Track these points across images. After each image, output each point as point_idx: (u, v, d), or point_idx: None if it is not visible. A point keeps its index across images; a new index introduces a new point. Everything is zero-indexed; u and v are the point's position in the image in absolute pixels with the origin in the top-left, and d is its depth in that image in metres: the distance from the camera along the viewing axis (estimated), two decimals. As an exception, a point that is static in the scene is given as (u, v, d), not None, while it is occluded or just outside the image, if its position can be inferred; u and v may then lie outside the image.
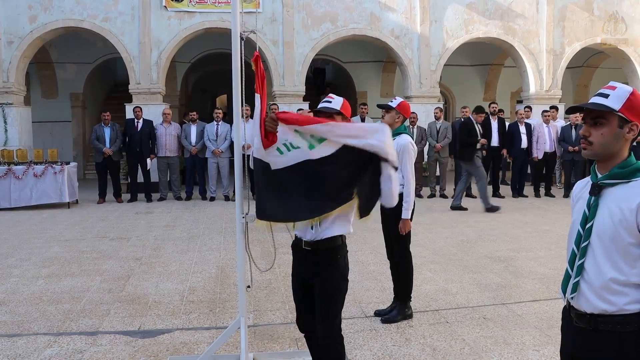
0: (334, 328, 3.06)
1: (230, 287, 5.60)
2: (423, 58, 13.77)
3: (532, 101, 14.33)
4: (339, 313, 3.09)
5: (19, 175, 10.60)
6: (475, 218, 9.67)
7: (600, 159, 1.98)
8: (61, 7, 12.53)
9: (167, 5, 12.73)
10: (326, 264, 3.05)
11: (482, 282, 5.78)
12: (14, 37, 12.46)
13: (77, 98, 16.92)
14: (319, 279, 3.06)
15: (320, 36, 13.38)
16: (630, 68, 14.99)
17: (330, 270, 3.05)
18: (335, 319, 3.06)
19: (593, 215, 1.95)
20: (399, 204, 4.60)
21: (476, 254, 7.01)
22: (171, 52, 13.05)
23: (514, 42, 14.19)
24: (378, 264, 6.39)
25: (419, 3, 13.61)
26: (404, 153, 4.57)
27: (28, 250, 7.34)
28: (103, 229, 8.83)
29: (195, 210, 10.57)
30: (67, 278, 5.99)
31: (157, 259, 6.80)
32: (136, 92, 12.91)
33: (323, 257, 3.05)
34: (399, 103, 4.66)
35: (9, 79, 12.49)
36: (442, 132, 12.08)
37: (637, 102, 1.92)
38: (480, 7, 13.96)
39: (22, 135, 12.78)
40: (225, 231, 8.50)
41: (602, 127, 1.94)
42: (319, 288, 3.08)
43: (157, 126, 11.88)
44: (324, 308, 3.05)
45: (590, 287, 1.94)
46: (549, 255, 6.95)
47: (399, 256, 4.78)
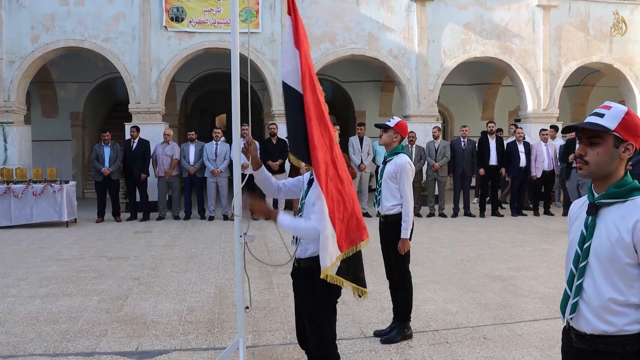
0: (324, 347, 3.05)
1: (229, 307, 5.57)
2: (421, 77, 13.86)
3: (530, 120, 14.40)
4: (327, 332, 3.07)
5: (18, 194, 10.61)
6: (474, 237, 9.65)
7: (597, 178, 1.98)
8: (63, 27, 12.63)
9: (167, 26, 12.84)
10: (307, 282, 3.05)
11: (482, 302, 5.75)
12: (16, 57, 12.55)
13: (77, 117, 16.98)
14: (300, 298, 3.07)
15: (319, 56, 13.47)
16: (627, 87, 15.10)
17: (310, 289, 3.05)
18: (323, 337, 3.05)
19: (591, 235, 1.95)
20: (398, 223, 4.62)
21: (476, 273, 6.99)
22: (171, 72, 13.13)
23: (511, 61, 14.30)
24: (377, 283, 6.36)
25: (416, 23, 13.74)
26: (402, 173, 4.58)
27: (25, 269, 7.30)
28: (101, 248, 8.80)
29: (194, 230, 10.55)
30: (65, 298, 5.96)
31: (155, 279, 6.77)
32: (136, 111, 12.96)
33: (304, 276, 3.06)
34: (396, 122, 4.68)
35: (10, 98, 12.55)
36: (441, 151, 12.11)
37: (632, 121, 1.93)
38: (477, 27, 14.09)
39: (21, 154, 12.80)
40: (224, 251, 8.48)
41: (597, 146, 1.95)
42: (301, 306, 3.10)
43: (157, 146, 11.92)
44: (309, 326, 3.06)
45: (589, 307, 1.94)
46: (548, 274, 6.93)
47: (399, 276, 4.76)
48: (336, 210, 2.94)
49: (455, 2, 14.03)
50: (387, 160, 4.76)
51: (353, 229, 2.99)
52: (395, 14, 13.75)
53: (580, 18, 14.64)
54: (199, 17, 12.87)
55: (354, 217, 3.00)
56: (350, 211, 2.99)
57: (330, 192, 2.94)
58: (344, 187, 2.99)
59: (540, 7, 14.25)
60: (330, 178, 2.96)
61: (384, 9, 13.68)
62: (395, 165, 4.64)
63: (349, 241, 2.97)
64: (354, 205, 3.01)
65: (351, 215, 2.99)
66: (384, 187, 4.74)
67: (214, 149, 11.78)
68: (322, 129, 3.04)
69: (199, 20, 12.88)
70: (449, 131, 18.60)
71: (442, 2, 13.92)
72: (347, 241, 2.97)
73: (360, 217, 3.06)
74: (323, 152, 2.98)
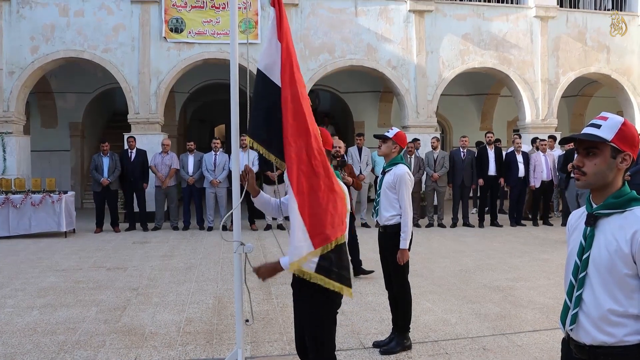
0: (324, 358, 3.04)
1: (228, 318, 5.55)
2: (420, 88, 13.91)
3: (529, 130, 14.43)
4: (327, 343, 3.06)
5: (16, 204, 10.60)
6: (473, 247, 9.64)
7: (595, 189, 1.99)
8: (62, 38, 12.68)
9: (166, 37, 12.89)
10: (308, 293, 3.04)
11: (482, 312, 5.73)
12: (16, 68, 12.58)
13: (76, 127, 16.99)
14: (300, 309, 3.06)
15: (318, 67, 13.53)
16: (624, 97, 15.16)
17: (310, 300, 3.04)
18: (322, 349, 3.04)
19: (589, 245, 1.95)
20: (397, 234, 4.62)
21: (475, 284, 6.98)
22: (170, 83, 13.16)
23: (509, 72, 14.36)
24: (376, 294, 6.35)
25: (415, 34, 13.80)
26: (401, 183, 4.59)
27: (23, 280, 7.28)
28: (100, 258, 8.78)
29: (193, 240, 10.54)
30: (63, 308, 5.93)
31: (154, 289, 6.75)
32: (135, 121, 12.98)
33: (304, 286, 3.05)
34: (395, 133, 4.69)
35: (9, 109, 12.57)
36: (440, 161, 12.13)
37: (629, 132, 1.94)
38: (476, 38, 14.16)
39: (20, 164, 12.80)
40: (223, 261, 8.46)
41: (595, 157, 1.95)
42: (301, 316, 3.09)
43: (155, 155, 11.94)
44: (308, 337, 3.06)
45: (588, 318, 1.94)
46: (548, 284, 6.92)
47: (398, 286, 4.76)
48: (307, 205, 2.89)
49: (454, 13, 14.11)
50: (386, 171, 4.77)
51: (328, 225, 2.90)
52: (393, 25, 13.82)
53: (578, 29, 14.72)
54: (198, 28, 12.93)
55: (330, 214, 2.92)
56: (324, 207, 2.91)
57: (301, 187, 2.90)
58: (320, 183, 2.92)
59: (538, 18, 14.34)
60: (303, 173, 2.92)
61: (383, 20, 13.76)
62: (394, 176, 4.64)
63: (324, 238, 2.88)
64: (333, 202, 2.94)
65: (325, 211, 2.91)
66: (382, 197, 4.75)
67: (213, 159, 11.79)
68: (299, 125, 3.00)
69: (198, 31, 12.94)
70: (448, 141, 18.63)
71: (441, 13, 14.00)
72: (321, 238, 2.88)
73: (339, 214, 2.96)
74: (297, 148, 2.95)
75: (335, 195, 2.95)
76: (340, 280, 2.95)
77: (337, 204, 2.94)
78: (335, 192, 2.95)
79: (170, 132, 15.60)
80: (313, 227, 2.89)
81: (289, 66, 3.10)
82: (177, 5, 12.86)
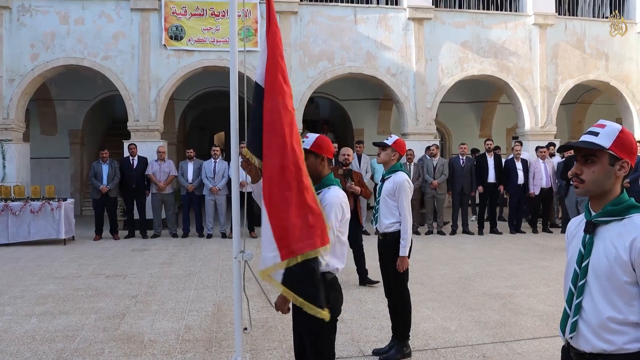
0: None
1: (227, 326, 5.53)
2: (419, 95, 13.93)
3: (528, 137, 14.45)
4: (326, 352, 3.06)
5: (15, 211, 10.59)
6: (473, 255, 9.64)
7: (593, 196, 1.99)
8: (62, 45, 12.71)
9: (166, 44, 12.92)
10: None
11: (481, 320, 5.72)
12: (16, 75, 12.60)
13: (75, 135, 17.00)
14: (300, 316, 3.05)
15: (317, 74, 13.56)
16: (623, 104, 15.19)
17: None
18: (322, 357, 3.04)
19: (589, 253, 1.95)
20: (396, 241, 4.61)
21: (474, 291, 6.97)
22: (170, 90, 13.19)
23: (509, 79, 14.39)
24: (376, 302, 6.34)
25: (414, 42, 13.85)
26: (401, 190, 4.60)
27: (22, 287, 7.26)
28: (99, 266, 8.76)
29: (192, 248, 10.52)
30: (62, 316, 5.92)
31: (153, 297, 6.74)
32: (134, 129, 13.00)
33: None
34: (394, 141, 4.71)
35: (9, 116, 12.58)
36: (439, 168, 12.14)
37: (627, 139, 1.95)
38: (475, 46, 14.21)
39: (20, 171, 12.80)
40: (222, 269, 8.45)
41: (593, 164, 1.96)
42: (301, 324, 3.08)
43: (152, 163, 11.95)
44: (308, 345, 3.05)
45: (588, 326, 1.93)
46: (548, 291, 6.91)
47: (397, 294, 4.75)
48: (276, 217, 2.88)
49: (453, 21, 14.16)
50: (385, 178, 4.78)
51: (295, 239, 2.84)
52: (393, 33, 13.86)
53: (577, 36, 14.77)
54: (198, 35, 12.97)
55: (299, 228, 2.85)
56: (293, 221, 2.85)
57: (273, 197, 2.89)
58: (292, 197, 2.87)
59: (537, 26, 14.39)
60: (275, 183, 2.90)
61: (382, 27, 13.80)
62: (393, 183, 4.65)
63: (289, 251, 2.84)
64: (304, 217, 2.87)
65: (294, 225, 2.85)
66: (382, 204, 4.75)
67: (213, 166, 11.80)
68: (275, 137, 2.96)
69: (198, 38, 12.98)
70: (447, 149, 18.65)
71: (440, 21, 14.05)
72: (287, 251, 2.84)
73: (310, 229, 2.86)
74: (271, 159, 2.94)
75: (308, 210, 2.87)
76: (305, 296, 2.84)
77: (309, 219, 2.86)
78: (308, 206, 2.88)
79: (170, 140, 15.62)
80: (280, 239, 2.86)
81: (273, 75, 3.05)
82: (177, 13, 12.90)
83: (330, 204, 2.99)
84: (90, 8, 12.80)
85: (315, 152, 3.10)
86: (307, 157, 3.07)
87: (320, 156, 3.11)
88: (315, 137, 3.14)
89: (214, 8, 12.96)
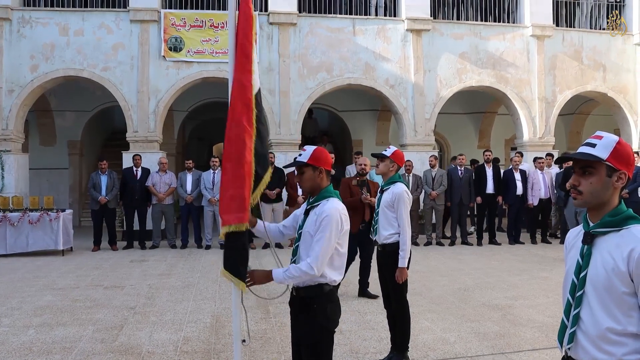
0: None
1: (226, 337, 5.51)
2: (417, 107, 13.98)
3: (526, 148, 14.48)
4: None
5: (14, 222, 10.58)
6: (472, 266, 9.62)
7: (591, 207, 2.00)
8: (62, 56, 12.76)
9: (165, 56, 12.97)
10: (304, 312, 3.05)
11: (481, 331, 5.71)
12: (15, 86, 12.64)
13: (74, 145, 17.01)
14: (297, 327, 3.05)
15: (316, 85, 13.60)
16: (621, 115, 15.23)
17: (307, 319, 3.04)
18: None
19: (587, 264, 1.95)
20: (395, 252, 4.61)
21: (474, 302, 6.95)
22: (169, 101, 13.22)
23: (507, 90, 14.44)
24: (375, 313, 6.32)
25: (412, 53, 13.91)
26: (399, 201, 4.60)
27: (20, 298, 7.24)
28: (97, 277, 8.73)
29: (191, 259, 10.50)
30: (59, 327, 5.89)
31: (151, 308, 6.71)
32: (134, 140, 13.01)
33: (301, 305, 3.05)
34: (393, 152, 4.72)
35: (8, 127, 12.60)
36: (438, 179, 12.15)
37: (624, 150, 1.96)
38: (473, 57, 14.27)
39: (18, 182, 12.80)
40: (221, 280, 8.42)
41: (590, 176, 1.97)
42: (297, 337, 3.08)
43: (153, 174, 11.95)
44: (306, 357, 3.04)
45: (587, 337, 1.93)
46: (547, 302, 6.90)
47: (396, 305, 4.74)
48: (227, 186, 3.17)
49: (451, 32, 14.23)
50: (384, 189, 4.79)
51: (233, 209, 3.13)
52: (391, 44, 13.93)
53: (574, 48, 14.85)
54: (197, 47, 13.03)
55: (237, 199, 3.14)
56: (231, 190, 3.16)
57: (227, 170, 3.20)
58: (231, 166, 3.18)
59: (535, 37, 14.46)
60: (229, 159, 3.19)
61: (380, 39, 13.87)
62: (392, 194, 4.66)
63: (227, 219, 3.12)
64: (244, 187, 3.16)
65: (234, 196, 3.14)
66: (381, 216, 4.76)
67: (211, 177, 11.80)
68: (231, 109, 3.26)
69: (197, 50, 13.03)
70: (446, 160, 18.68)
71: (438, 33, 14.12)
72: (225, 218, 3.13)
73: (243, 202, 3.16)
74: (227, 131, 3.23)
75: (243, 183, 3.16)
76: (230, 268, 3.16)
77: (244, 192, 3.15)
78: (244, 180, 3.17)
79: (169, 151, 15.63)
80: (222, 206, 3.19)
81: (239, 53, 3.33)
82: (176, 25, 12.97)
83: (328, 216, 3.00)
84: (90, 19, 12.87)
85: (313, 165, 3.11)
86: (305, 170, 3.11)
87: (318, 169, 3.12)
88: (312, 150, 3.16)
89: (213, 20, 13.03)
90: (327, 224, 2.98)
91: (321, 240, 2.97)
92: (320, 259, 2.95)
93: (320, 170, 3.13)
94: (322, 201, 3.10)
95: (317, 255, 2.96)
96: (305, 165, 3.12)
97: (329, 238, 2.97)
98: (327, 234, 2.97)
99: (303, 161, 3.11)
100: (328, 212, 3.02)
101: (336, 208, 3.05)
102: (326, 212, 3.02)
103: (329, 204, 3.07)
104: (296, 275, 2.98)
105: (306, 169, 3.12)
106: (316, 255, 2.96)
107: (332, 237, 2.99)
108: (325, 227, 2.98)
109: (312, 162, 3.11)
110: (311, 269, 2.94)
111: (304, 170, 3.12)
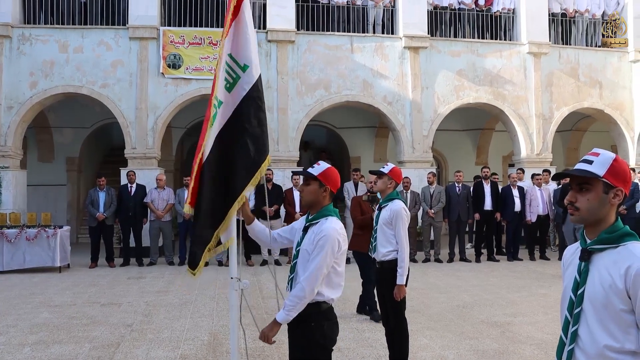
0: None
1: (223, 355, 5.47)
2: (415, 123, 14.03)
3: (524, 164, 14.51)
4: None
5: (11, 239, 10.54)
6: (470, 282, 9.59)
7: (588, 224, 2.00)
8: (61, 73, 12.82)
9: (164, 73, 13.04)
10: (302, 330, 3.03)
11: (479, 349, 5.67)
12: (14, 103, 12.68)
13: (72, 162, 17.00)
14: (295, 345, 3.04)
15: (314, 102, 13.66)
16: (618, 131, 15.30)
17: (305, 337, 3.03)
18: None
19: (584, 281, 1.95)
20: (393, 269, 4.60)
21: (472, 319, 6.92)
22: (167, 118, 13.26)
23: (504, 107, 14.51)
24: (373, 330, 6.29)
25: (410, 70, 14.00)
26: (397, 218, 4.60)
27: (16, 315, 7.19)
28: (94, 294, 8.69)
29: (188, 276, 10.41)
30: (55, 345, 5.85)
31: (148, 326, 6.67)
32: (132, 156, 13.03)
33: (299, 323, 3.04)
34: (390, 169, 4.74)
35: (7, 143, 12.61)
36: (436, 196, 12.16)
37: (620, 167, 1.97)
38: (470, 74, 14.36)
39: (16, 198, 12.77)
40: (218, 297, 8.38)
41: (587, 192, 1.98)
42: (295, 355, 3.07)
43: (151, 191, 11.94)
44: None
45: (585, 354, 1.92)
46: (546, 319, 6.87)
47: (394, 322, 4.72)
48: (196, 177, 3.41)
49: (448, 49, 14.34)
50: (382, 207, 4.79)
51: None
52: (389, 62, 14.02)
53: (571, 65, 14.96)
54: (195, 64, 13.10)
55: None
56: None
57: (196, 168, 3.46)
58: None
59: (531, 54, 14.57)
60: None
61: (378, 56, 13.96)
62: (390, 211, 4.66)
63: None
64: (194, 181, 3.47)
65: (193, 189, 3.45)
66: (379, 233, 4.75)
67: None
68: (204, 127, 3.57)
69: (195, 67, 13.10)
70: (444, 176, 18.71)
71: (435, 50, 14.23)
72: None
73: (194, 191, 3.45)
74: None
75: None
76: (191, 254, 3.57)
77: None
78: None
79: (167, 167, 15.63)
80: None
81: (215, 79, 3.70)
82: (175, 42, 13.05)
83: (326, 236, 3.01)
84: (90, 37, 12.96)
85: (321, 181, 3.13)
86: (312, 183, 3.13)
87: (324, 186, 3.15)
88: (325, 167, 3.19)
89: (212, 37, 13.11)
90: (324, 244, 2.99)
91: (316, 259, 2.99)
92: (312, 279, 2.97)
93: (325, 188, 3.15)
94: (321, 219, 3.11)
95: (310, 274, 2.98)
96: (314, 179, 3.14)
97: (325, 258, 2.99)
98: (322, 254, 2.99)
99: (313, 174, 3.14)
100: (326, 232, 3.02)
101: (334, 228, 3.06)
102: (324, 232, 3.02)
103: (328, 223, 3.08)
104: (296, 304, 2.97)
105: (313, 182, 3.14)
106: (309, 275, 2.97)
107: (328, 257, 3.00)
108: (322, 246, 2.99)
109: (322, 178, 3.14)
110: (303, 291, 2.95)
111: (310, 183, 3.14)
